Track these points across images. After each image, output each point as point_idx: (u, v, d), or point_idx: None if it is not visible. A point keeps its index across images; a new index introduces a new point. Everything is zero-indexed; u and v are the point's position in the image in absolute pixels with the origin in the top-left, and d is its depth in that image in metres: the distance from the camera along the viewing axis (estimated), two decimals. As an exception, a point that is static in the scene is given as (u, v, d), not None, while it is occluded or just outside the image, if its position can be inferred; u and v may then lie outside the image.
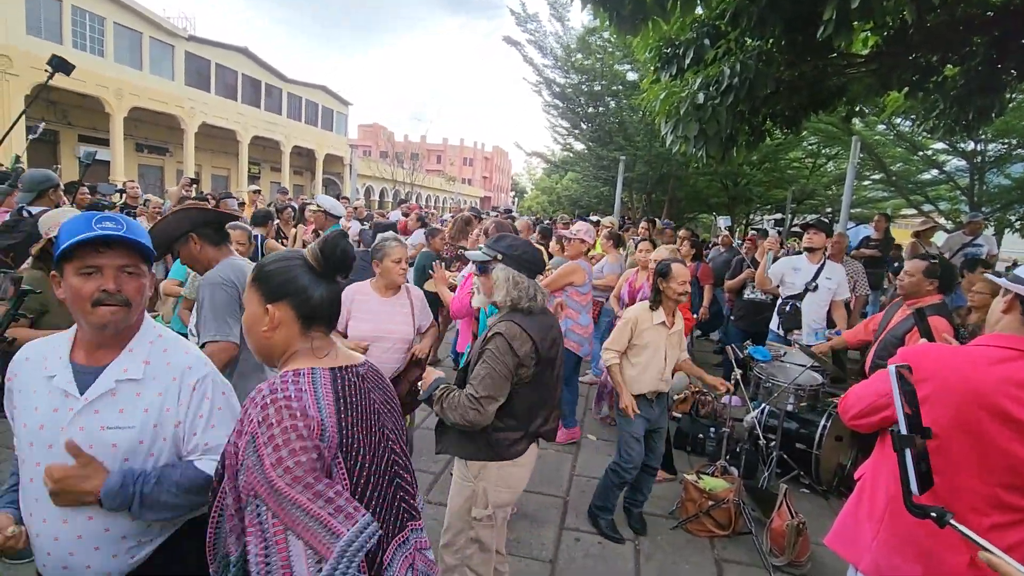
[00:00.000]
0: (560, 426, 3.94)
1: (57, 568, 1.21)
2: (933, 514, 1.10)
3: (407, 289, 2.98)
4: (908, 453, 1.14)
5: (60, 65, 4.55)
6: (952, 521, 1.08)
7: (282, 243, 6.33)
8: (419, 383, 2.11)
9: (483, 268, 2.14)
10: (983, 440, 1.32)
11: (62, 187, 3.74)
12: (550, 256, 4.93)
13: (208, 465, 1.26)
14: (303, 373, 1.10)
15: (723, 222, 8.44)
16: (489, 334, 1.99)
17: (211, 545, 1.11)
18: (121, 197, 6.78)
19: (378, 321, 2.82)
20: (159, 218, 2.30)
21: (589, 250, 4.70)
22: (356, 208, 10.12)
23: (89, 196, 6.59)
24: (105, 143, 18.95)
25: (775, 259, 5.12)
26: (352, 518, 0.99)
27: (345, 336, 2.80)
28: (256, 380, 2.22)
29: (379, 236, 2.97)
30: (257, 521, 0.98)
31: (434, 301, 3.66)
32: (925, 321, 1.92)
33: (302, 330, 1.15)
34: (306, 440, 1.00)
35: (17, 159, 3.92)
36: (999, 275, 1.54)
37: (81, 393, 1.21)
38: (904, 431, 1.16)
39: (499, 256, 2.06)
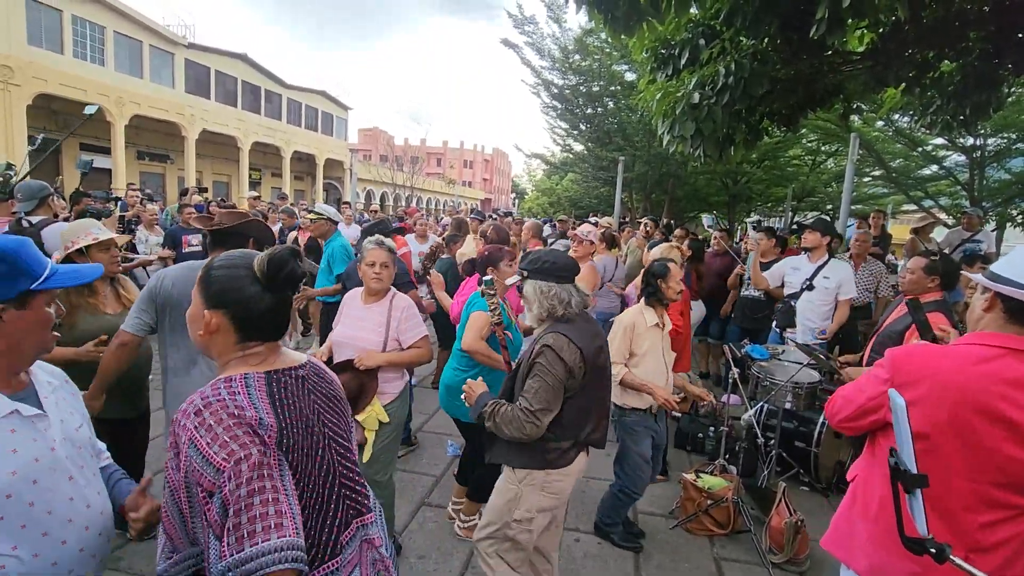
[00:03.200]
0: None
1: (88, 560, 1.28)
2: (932, 550, 1.04)
3: (391, 298, 2.71)
4: (919, 494, 1.05)
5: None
6: (952, 556, 1.04)
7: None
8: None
9: (520, 289, 2.18)
10: (973, 440, 1.32)
11: (60, 195, 3.75)
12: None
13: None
14: (235, 379, 1.08)
15: (707, 220, 8.44)
16: (537, 347, 2.00)
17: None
18: (117, 204, 6.79)
19: (349, 327, 2.69)
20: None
21: (594, 251, 4.65)
22: (358, 210, 10.17)
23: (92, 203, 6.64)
24: (107, 152, 19.06)
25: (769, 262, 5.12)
26: (279, 529, 0.96)
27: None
28: (187, 376, 2.29)
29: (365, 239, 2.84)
30: (216, 516, 0.96)
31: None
32: (920, 312, 1.90)
33: (238, 340, 1.13)
34: (253, 435, 0.99)
35: (9, 166, 3.92)
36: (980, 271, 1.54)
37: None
38: (916, 469, 1.07)
39: (524, 274, 2.11)
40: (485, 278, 2.57)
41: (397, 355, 2.64)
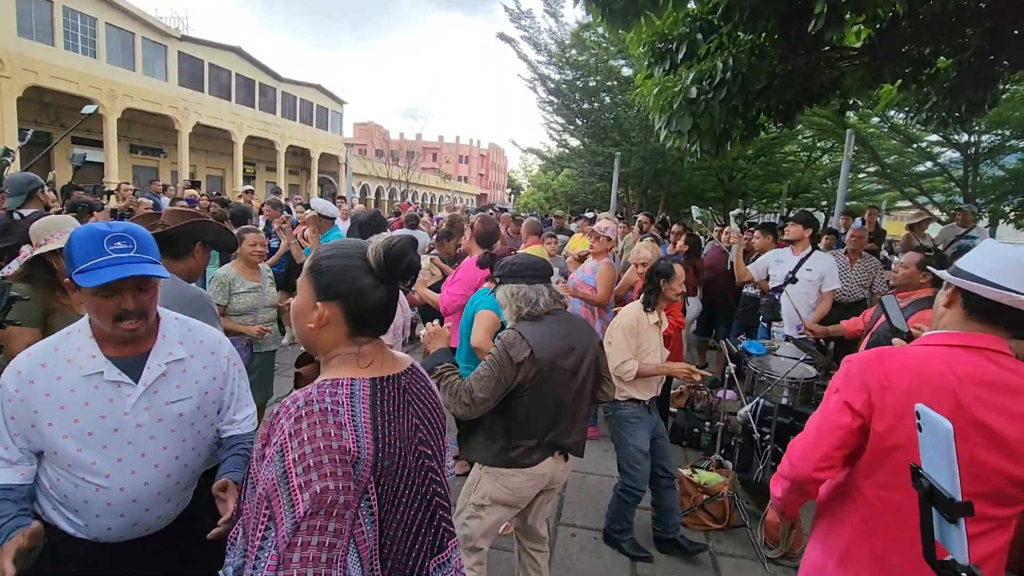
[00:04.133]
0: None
1: (127, 526, 1.38)
2: (964, 574, 0.93)
3: None
4: (963, 523, 0.91)
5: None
6: None
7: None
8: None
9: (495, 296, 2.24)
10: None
11: (47, 188, 3.70)
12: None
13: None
14: (342, 384, 1.03)
15: (696, 212, 8.38)
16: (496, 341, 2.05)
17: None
18: (108, 199, 6.73)
19: None
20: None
21: (611, 248, 4.44)
22: (353, 205, 10.09)
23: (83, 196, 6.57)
24: (99, 145, 18.86)
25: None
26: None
27: None
28: None
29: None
30: (260, 541, 0.91)
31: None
32: (893, 309, 1.84)
33: (350, 334, 1.08)
34: (339, 465, 0.93)
35: (7, 151, 3.88)
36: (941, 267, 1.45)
37: (136, 382, 1.36)
38: (960, 498, 0.92)
39: (497, 280, 2.16)
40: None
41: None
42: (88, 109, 4.58)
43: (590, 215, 8.01)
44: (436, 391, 1.26)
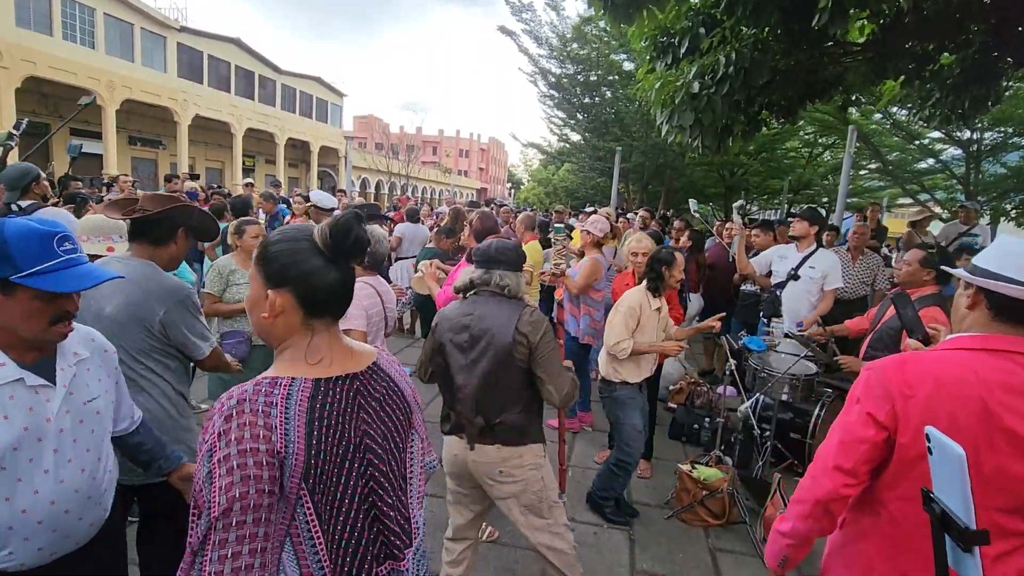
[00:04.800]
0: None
1: (59, 541, 1.31)
2: None
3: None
4: (978, 551, 0.86)
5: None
6: None
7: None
8: None
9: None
10: (979, 459, 1.13)
11: (44, 177, 3.67)
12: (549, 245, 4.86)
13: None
14: (280, 384, 0.99)
15: (693, 205, 8.35)
16: None
17: None
18: (107, 191, 6.70)
19: None
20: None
21: (602, 242, 4.41)
22: (353, 198, 10.03)
23: (81, 186, 6.53)
24: (98, 136, 18.79)
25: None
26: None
27: None
28: None
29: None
30: (202, 543, 0.89)
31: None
32: (909, 308, 1.77)
33: (304, 319, 1.05)
34: (263, 469, 0.91)
35: (10, 136, 3.85)
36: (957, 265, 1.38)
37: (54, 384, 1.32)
38: (974, 525, 0.88)
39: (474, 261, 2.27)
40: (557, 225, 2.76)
41: None
42: (85, 100, 4.55)
43: (590, 210, 7.97)
44: (403, 389, 1.20)
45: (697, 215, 8.81)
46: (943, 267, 1.29)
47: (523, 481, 2.10)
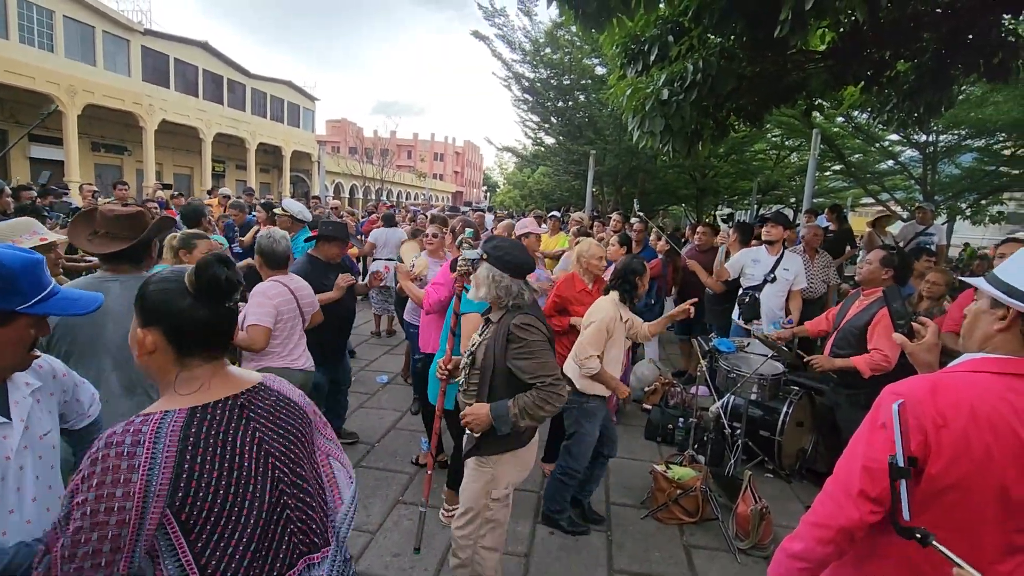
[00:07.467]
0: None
1: None
2: (918, 535, 1.04)
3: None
4: (904, 484, 1.09)
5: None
6: (935, 543, 1.02)
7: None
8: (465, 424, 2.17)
9: (475, 265, 2.29)
10: (1008, 489, 1.11)
11: (8, 191, 3.57)
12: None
13: None
14: (151, 420, 1.02)
15: (636, 205, 8.42)
16: (509, 332, 2.10)
17: None
18: (59, 199, 6.49)
19: None
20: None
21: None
22: (334, 208, 9.95)
23: (39, 199, 6.30)
24: (58, 143, 18.16)
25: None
26: None
27: None
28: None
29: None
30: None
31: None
32: (898, 299, 1.79)
33: (177, 358, 1.09)
34: (112, 515, 0.94)
35: None
36: (982, 274, 1.32)
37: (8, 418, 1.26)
38: (902, 463, 1.09)
39: (484, 255, 2.19)
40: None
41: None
42: (46, 110, 4.46)
43: (556, 214, 8.05)
44: (295, 399, 1.25)
45: (642, 215, 8.92)
46: (970, 280, 1.22)
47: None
